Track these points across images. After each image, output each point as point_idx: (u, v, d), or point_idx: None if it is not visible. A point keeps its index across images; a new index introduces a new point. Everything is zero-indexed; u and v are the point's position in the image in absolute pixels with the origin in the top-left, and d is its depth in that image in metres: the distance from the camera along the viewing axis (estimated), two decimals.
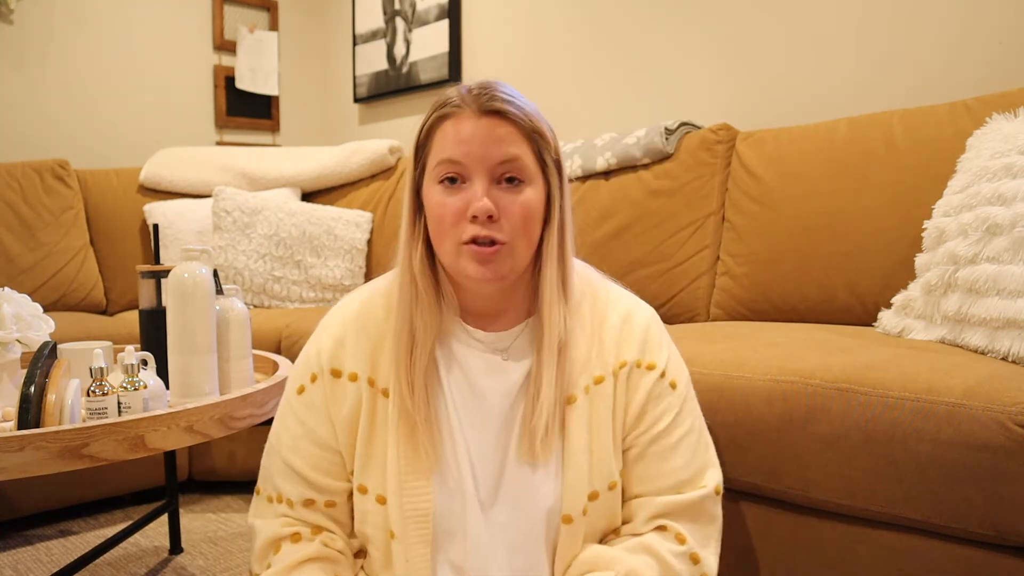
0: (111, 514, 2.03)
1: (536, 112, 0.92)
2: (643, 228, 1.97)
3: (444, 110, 0.90)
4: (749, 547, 1.22)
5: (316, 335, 1.00)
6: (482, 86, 0.91)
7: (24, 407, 1.02)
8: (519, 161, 0.89)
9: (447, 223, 0.89)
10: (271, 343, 2.07)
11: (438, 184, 0.90)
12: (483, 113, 0.88)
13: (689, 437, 0.98)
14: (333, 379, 0.96)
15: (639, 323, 0.99)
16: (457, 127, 0.89)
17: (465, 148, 0.88)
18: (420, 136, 0.93)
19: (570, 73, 2.53)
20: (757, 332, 1.45)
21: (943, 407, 1.00)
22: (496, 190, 0.89)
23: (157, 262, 1.53)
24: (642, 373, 0.97)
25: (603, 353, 0.97)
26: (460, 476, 0.93)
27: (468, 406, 0.95)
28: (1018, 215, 1.15)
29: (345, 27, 3.38)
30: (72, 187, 2.56)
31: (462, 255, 0.89)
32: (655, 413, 0.97)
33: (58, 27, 2.82)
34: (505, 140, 0.88)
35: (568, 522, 0.93)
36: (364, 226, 2.63)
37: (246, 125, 3.30)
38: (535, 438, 0.92)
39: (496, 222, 0.88)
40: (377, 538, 0.94)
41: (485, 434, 0.94)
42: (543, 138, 0.91)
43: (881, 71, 1.88)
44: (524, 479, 0.93)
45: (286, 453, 0.97)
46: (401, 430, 0.92)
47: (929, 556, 1.04)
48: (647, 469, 0.97)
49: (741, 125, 2.06)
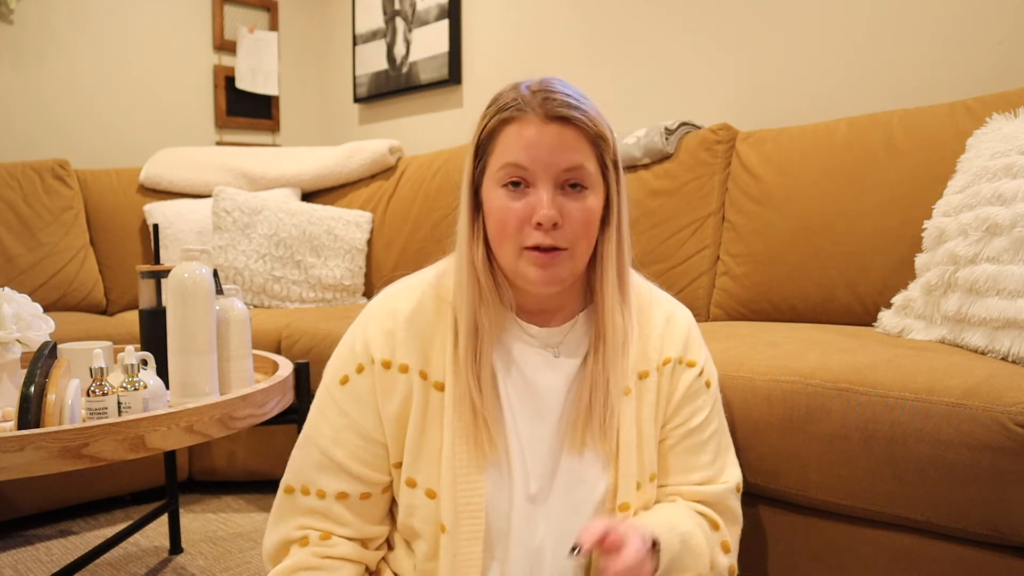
0: (111, 514, 2.03)
1: (598, 114, 0.92)
2: (643, 228, 1.97)
3: (507, 113, 0.89)
4: (749, 547, 1.22)
5: (362, 325, 0.98)
6: (545, 88, 0.90)
7: (24, 407, 1.02)
8: (584, 169, 0.89)
9: (510, 227, 0.89)
10: (271, 343, 2.07)
11: (501, 187, 0.90)
12: (549, 118, 0.88)
13: (716, 436, 1.02)
14: (383, 370, 0.95)
15: (682, 323, 1.03)
16: (522, 131, 0.89)
17: (532, 154, 0.88)
18: (481, 135, 0.93)
19: (570, 73, 2.53)
20: (757, 332, 1.45)
21: (943, 407, 1.00)
22: (560, 196, 0.89)
23: (157, 262, 1.53)
24: (684, 370, 1.00)
25: (648, 350, 1.00)
26: (511, 471, 0.94)
27: (523, 401, 0.96)
28: (1018, 215, 1.15)
29: (345, 27, 3.38)
30: (72, 187, 2.56)
31: (523, 259, 0.90)
32: (692, 408, 1.00)
33: (58, 27, 2.82)
34: (571, 147, 0.88)
35: (626, 510, 0.95)
36: (364, 226, 2.63)
37: (246, 125, 3.30)
38: (592, 431, 0.94)
39: (559, 228, 0.89)
40: (426, 532, 0.94)
41: (538, 428, 0.95)
42: (605, 142, 0.92)
43: (881, 71, 1.88)
44: (577, 472, 0.95)
45: (327, 445, 0.96)
46: (457, 425, 0.93)
47: (929, 556, 1.04)
48: (678, 462, 1.00)
49: (741, 125, 2.06)
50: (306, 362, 1.48)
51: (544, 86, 0.90)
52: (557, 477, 0.95)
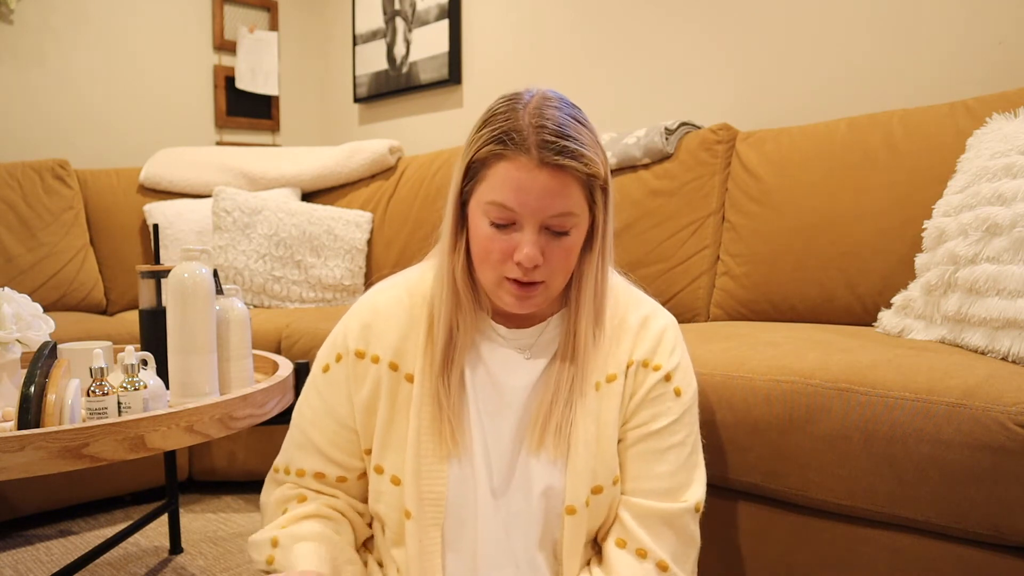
0: (111, 514, 2.03)
1: (592, 146, 0.91)
2: (643, 228, 1.97)
3: (502, 148, 0.88)
4: (749, 547, 1.22)
5: (345, 319, 1.04)
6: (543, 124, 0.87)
7: (24, 407, 1.02)
8: (571, 214, 0.90)
9: (493, 258, 0.91)
10: (271, 343, 2.07)
11: (486, 216, 0.91)
12: (543, 164, 0.87)
13: (680, 449, 0.99)
14: (356, 359, 1.00)
15: (655, 327, 1.02)
16: (513, 172, 0.88)
17: (521, 198, 0.88)
18: (473, 156, 0.92)
19: (570, 73, 2.53)
20: (757, 332, 1.44)
21: (943, 407, 1.00)
22: (543, 236, 0.90)
23: (157, 262, 1.53)
24: (647, 372, 1.00)
25: (618, 353, 1.00)
26: (474, 464, 0.96)
27: (488, 399, 0.98)
28: (1018, 215, 1.15)
29: (345, 27, 3.38)
30: (72, 187, 2.56)
31: (502, 287, 0.93)
32: (652, 412, 0.99)
33: (58, 27, 2.81)
34: (560, 194, 0.88)
35: (572, 513, 0.95)
36: (364, 226, 2.63)
37: (246, 125, 3.30)
38: (549, 431, 0.96)
39: (539, 268, 0.90)
40: (391, 517, 0.98)
41: (501, 426, 0.98)
42: (597, 177, 0.91)
43: (881, 71, 1.88)
44: (534, 471, 0.96)
45: (306, 426, 1.03)
46: (423, 415, 0.97)
47: (929, 556, 1.04)
48: (633, 465, 0.99)
49: (741, 125, 2.06)
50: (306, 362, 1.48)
51: (544, 120, 0.88)
52: (516, 475, 0.97)
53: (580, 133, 0.90)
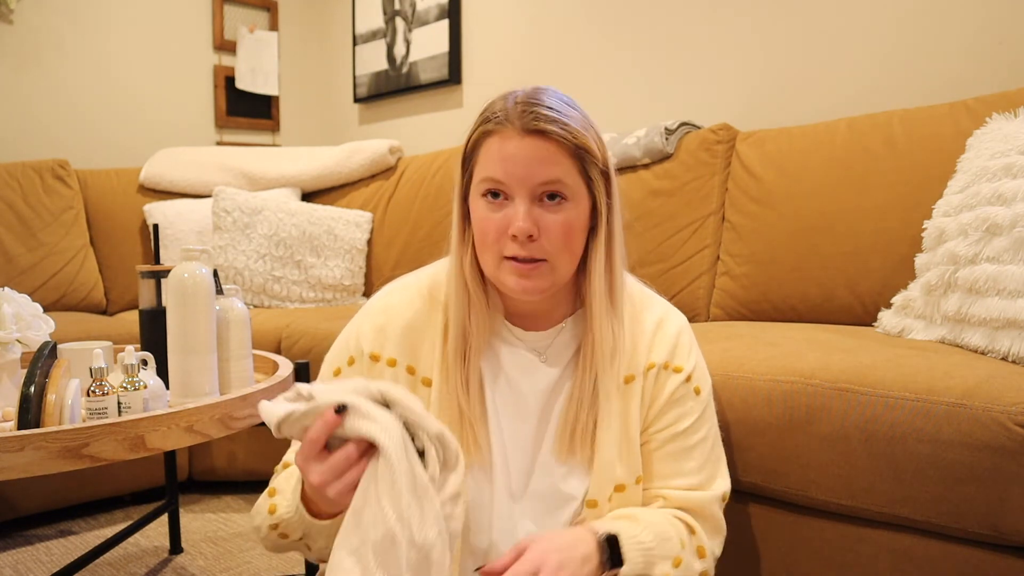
0: (111, 514, 2.03)
1: (583, 125, 0.92)
2: (643, 228, 1.97)
3: (488, 125, 0.90)
4: (749, 547, 1.22)
5: (356, 321, 1.02)
6: (528, 100, 0.90)
7: (24, 407, 1.02)
8: (561, 182, 0.90)
9: (490, 238, 0.91)
10: (271, 343, 2.07)
11: (482, 198, 0.92)
12: (526, 132, 0.88)
13: (704, 444, 1.01)
14: (371, 363, 0.98)
15: (672, 328, 1.02)
16: (500, 145, 0.89)
17: (508, 167, 0.88)
18: (467, 147, 0.94)
19: (570, 73, 2.53)
20: (757, 332, 1.45)
21: (943, 407, 1.00)
22: (537, 208, 0.90)
23: (157, 262, 1.53)
24: (668, 375, 1.00)
25: (636, 355, 1.00)
26: (493, 467, 0.96)
27: (507, 402, 0.98)
28: (1018, 215, 1.15)
29: (345, 27, 3.38)
30: (72, 187, 2.56)
31: (502, 269, 0.92)
32: (676, 413, 0.99)
33: (58, 27, 2.81)
34: (547, 160, 0.89)
35: (593, 507, 0.95)
36: (364, 226, 2.63)
37: (246, 125, 3.30)
38: (572, 435, 0.95)
39: (536, 241, 0.90)
40: None
41: (520, 429, 0.97)
42: (589, 153, 0.92)
43: (881, 71, 1.88)
44: (554, 474, 0.96)
45: None
46: (442, 419, 0.95)
47: (929, 556, 1.04)
48: (662, 466, 0.99)
49: (741, 125, 2.06)
50: (306, 362, 1.48)
51: (530, 98, 0.90)
52: (534, 478, 0.97)
53: (570, 113, 0.91)
